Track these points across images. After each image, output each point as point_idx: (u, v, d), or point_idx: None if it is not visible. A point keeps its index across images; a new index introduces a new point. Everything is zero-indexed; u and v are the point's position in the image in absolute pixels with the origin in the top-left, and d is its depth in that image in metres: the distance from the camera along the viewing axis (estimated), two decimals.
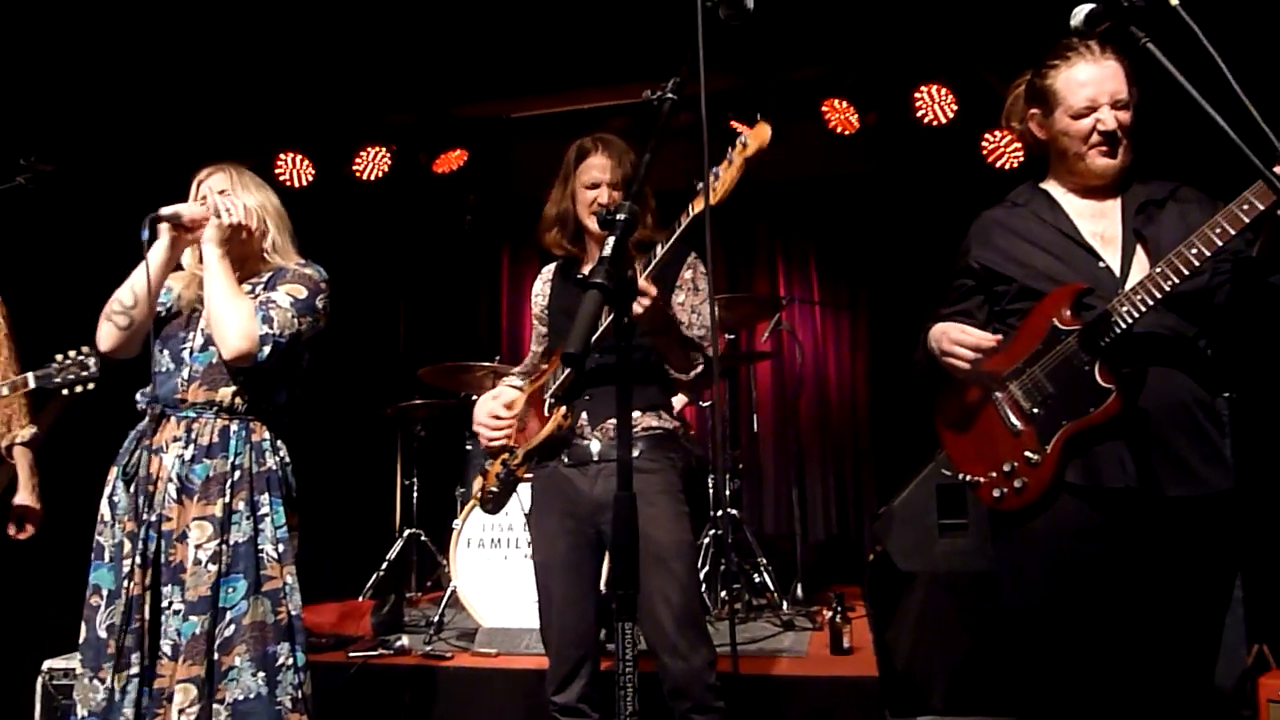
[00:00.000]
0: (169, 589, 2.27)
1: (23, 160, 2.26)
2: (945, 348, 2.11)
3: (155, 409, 2.36)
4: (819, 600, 4.64)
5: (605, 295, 1.26)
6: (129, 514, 2.31)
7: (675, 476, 2.46)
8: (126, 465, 2.34)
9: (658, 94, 1.59)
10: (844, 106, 5.24)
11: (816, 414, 6.31)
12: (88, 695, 2.22)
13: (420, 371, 4.81)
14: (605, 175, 2.54)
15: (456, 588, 4.13)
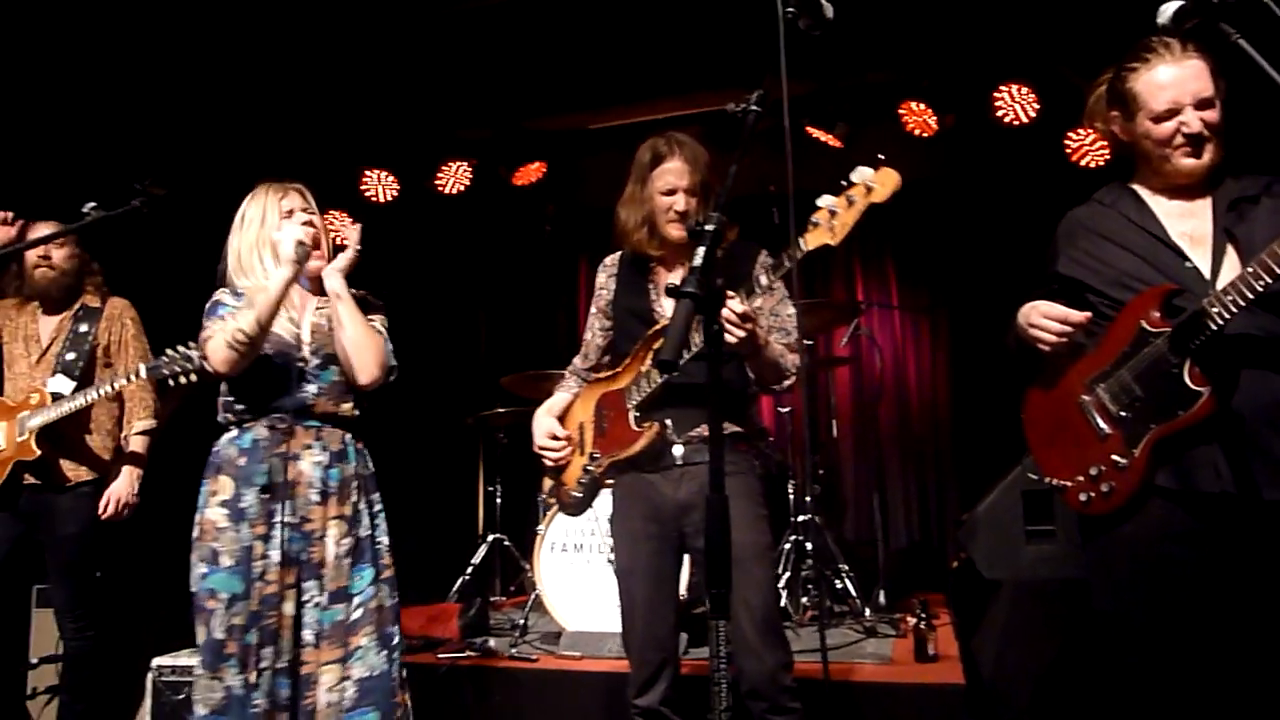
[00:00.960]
0: (309, 584, 2.45)
1: (137, 184, 2.39)
2: (1034, 320, 2.08)
3: (285, 421, 2.50)
4: (902, 607, 4.59)
5: (697, 305, 1.29)
6: (260, 517, 2.43)
7: (755, 480, 2.46)
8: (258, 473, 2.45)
9: (741, 106, 1.62)
10: (921, 109, 5.19)
11: (896, 419, 6.24)
12: (207, 695, 2.35)
13: (502, 380, 4.92)
14: (682, 181, 2.50)
15: (540, 591, 4.21)
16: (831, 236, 2.13)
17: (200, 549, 2.44)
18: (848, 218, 2.11)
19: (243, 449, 2.48)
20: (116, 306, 3.63)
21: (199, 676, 2.38)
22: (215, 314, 2.51)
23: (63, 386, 3.36)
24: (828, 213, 2.13)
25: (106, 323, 3.58)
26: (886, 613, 4.43)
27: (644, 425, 2.44)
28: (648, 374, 2.45)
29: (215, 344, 2.43)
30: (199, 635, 2.38)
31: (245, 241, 2.57)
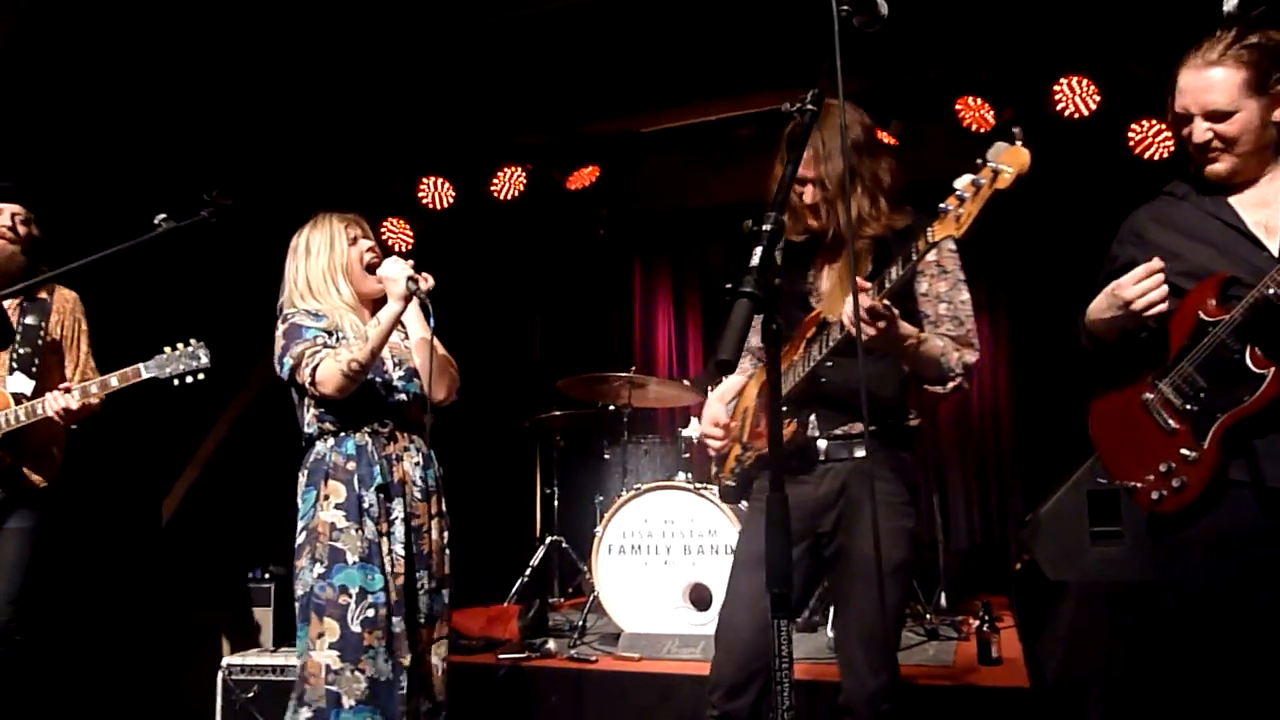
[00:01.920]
0: (421, 573, 2.67)
1: (205, 195, 2.46)
2: (1125, 295, 1.95)
3: (387, 426, 2.68)
4: (964, 609, 4.53)
5: (755, 304, 1.30)
6: (382, 516, 2.60)
7: (901, 487, 2.29)
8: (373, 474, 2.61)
9: (796, 105, 1.61)
10: (978, 104, 5.11)
11: (956, 418, 6.15)
12: (351, 686, 2.48)
13: (559, 383, 4.96)
14: (808, 171, 2.29)
15: (598, 593, 4.23)
16: (956, 228, 1.90)
17: (315, 550, 2.57)
18: (972, 207, 1.89)
19: (349, 455, 2.63)
20: (67, 299, 3.35)
21: (340, 670, 2.48)
22: (302, 336, 2.62)
23: (23, 386, 3.13)
24: (955, 199, 1.91)
25: (58, 315, 3.31)
26: (948, 615, 4.38)
27: (786, 422, 2.31)
28: (795, 366, 2.31)
29: (329, 371, 2.54)
30: (335, 630, 2.49)
31: (315, 267, 2.73)
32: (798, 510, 2.22)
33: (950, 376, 2.23)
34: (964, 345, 2.26)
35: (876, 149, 2.33)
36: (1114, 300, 2.00)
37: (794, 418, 2.32)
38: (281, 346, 2.65)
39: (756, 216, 1.48)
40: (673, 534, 4.17)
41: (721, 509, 4.07)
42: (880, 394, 2.29)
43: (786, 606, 1.42)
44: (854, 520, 2.27)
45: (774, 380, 1.41)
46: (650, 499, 4.24)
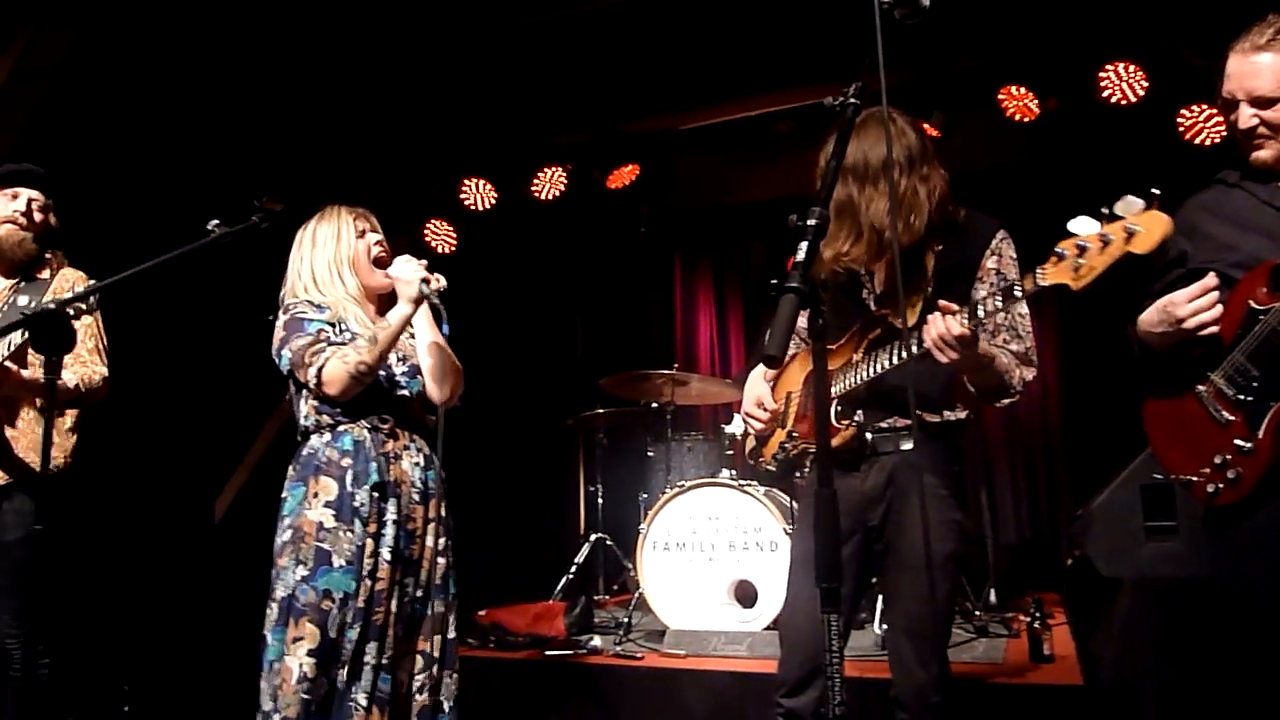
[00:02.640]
0: (408, 580, 2.52)
1: (256, 201, 2.49)
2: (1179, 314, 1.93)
3: (388, 422, 2.56)
4: (1013, 606, 4.48)
5: (801, 299, 1.30)
6: (373, 516, 2.46)
7: (951, 480, 2.27)
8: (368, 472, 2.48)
9: (839, 99, 1.60)
10: (1022, 93, 5.05)
11: (1003, 411, 6.06)
12: (315, 692, 2.34)
13: (602, 381, 4.97)
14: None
15: (644, 590, 4.24)
16: (1074, 280, 1.84)
17: (300, 551, 2.41)
18: (1098, 262, 1.80)
19: (344, 450, 2.49)
20: (68, 279, 3.17)
21: (314, 678, 2.34)
22: (304, 330, 2.51)
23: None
24: (1075, 247, 1.83)
25: (54, 296, 3.07)
26: (997, 611, 4.33)
27: (842, 421, 2.28)
28: (857, 365, 2.28)
29: (335, 372, 2.44)
30: (315, 636, 2.35)
31: (321, 259, 2.63)
32: (846, 505, 2.20)
33: (1010, 393, 2.21)
34: (1024, 363, 2.23)
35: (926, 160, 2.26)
36: (1166, 316, 1.97)
37: (850, 418, 2.29)
38: (280, 339, 2.54)
39: (801, 211, 1.47)
40: (717, 530, 4.17)
41: (766, 505, 4.05)
42: (927, 389, 2.27)
43: (835, 601, 1.42)
44: (902, 513, 2.25)
45: (820, 376, 1.40)
46: (694, 496, 4.24)
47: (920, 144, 2.24)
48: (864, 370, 2.26)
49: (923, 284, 2.24)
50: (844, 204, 2.22)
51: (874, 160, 2.19)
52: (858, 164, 2.20)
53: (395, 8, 4.57)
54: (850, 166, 2.20)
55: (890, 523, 2.28)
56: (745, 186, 6.33)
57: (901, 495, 2.26)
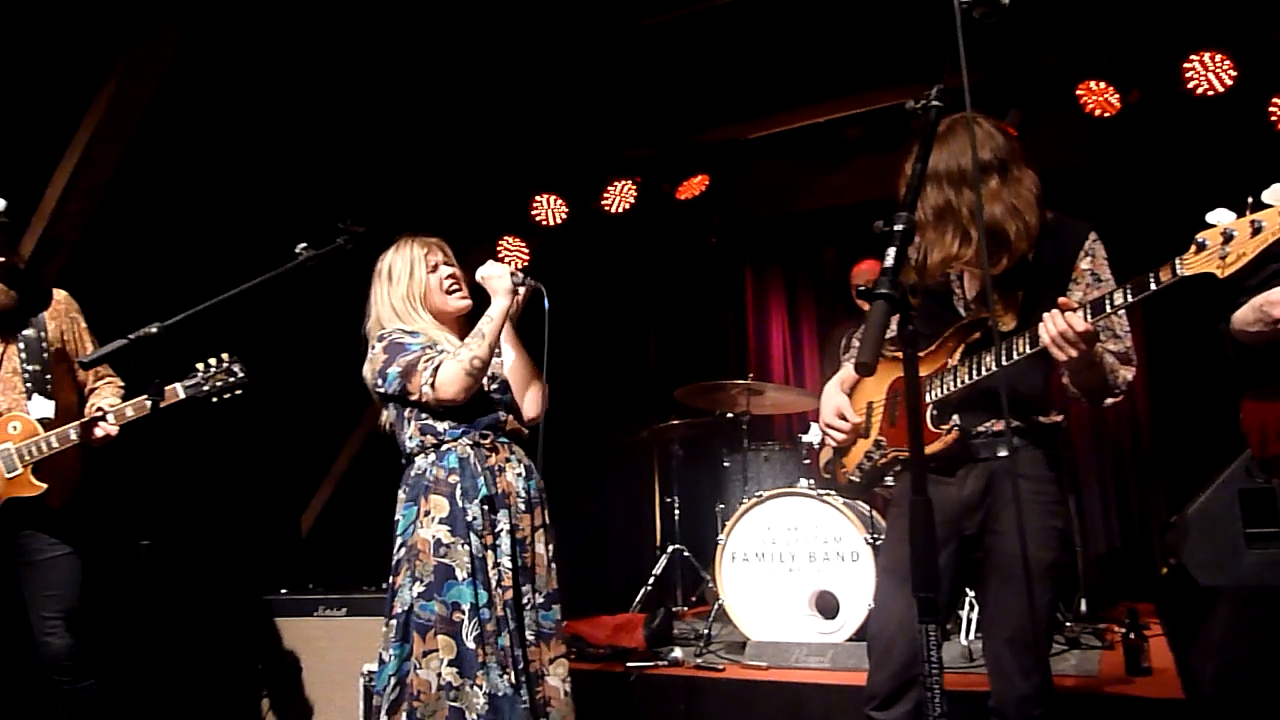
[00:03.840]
0: (525, 587, 2.61)
1: (340, 223, 2.55)
2: (1274, 314, 1.88)
3: (489, 436, 2.66)
4: (1106, 617, 4.35)
5: (892, 305, 1.28)
6: (487, 529, 2.56)
7: (1050, 485, 2.23)
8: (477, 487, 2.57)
9: (921, 102, 1.59)
10: (1102, 87, 4.92)
11: (1090, 416, 5.89)
12: (471, 702, 2.44)
13: (676, 392, 4.98)
14: None
15: (723, 601, 4.22)
16: (1220, 267, 1.81)
17: (416, 568, 2.51)
18: (1247, 248, 1.76)
19: (450, 468, 2.59)
20: (58, 300, 3.13)
21: (459, 687, 2.43)
22: (407, 349, 2.60)
23: (45, 409, 2.96)
24: (1221, 235, 1.80)
25: (54, 322, 3.09)
26: (1090, 622, 4.21)
27: (941, 426, 2.26)
28: (955, 370, 2.25)
29: (451, 372, 2.52)
30: (451, 648, 2.44)
31: (396, 294, 2.72)
32: (941, 513, 2.12)
33: (1114, 393, 2.17)
34: (1125, 362, 2.18)
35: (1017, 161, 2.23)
36: (1262, 316, 1.91)
37: (947, 422, 2.26)
38: (384, 361, 2.61)
39: (884, 216, 1.46)
40: (797, 541, 4.13)
41: (846, 515, 4.01)
42: (1023, 391, 2.23)
43: (934, 611, 1.39)
44: (1000, 520, 2.21)
45: (911, 381, 1.39)
46: (773, 506, 4.21)
47: (1009, 146, 2.22)
48: (964, 374, 2.23)
49: (1017, 288, 2.19)
50: (943, 208, 2.19)
51: (967, 163, 2.16)
52: (951, 169, 2.18)
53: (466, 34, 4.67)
54: (943, 171, 2.18)
55: (988, 530, 2.24)
56: (814, 193, 6.29)
57: (1000, 502, 2.21)
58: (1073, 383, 2.19)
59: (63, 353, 3.09)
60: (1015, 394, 2.18)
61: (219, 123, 4.42)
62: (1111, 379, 2.15)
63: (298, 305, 4.52)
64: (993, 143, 2.20)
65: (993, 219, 2.15)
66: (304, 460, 5.81)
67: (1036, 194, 2.20)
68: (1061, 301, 2.00)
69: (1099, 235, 2.26)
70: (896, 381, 2.42)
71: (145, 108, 3.94)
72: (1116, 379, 2.15)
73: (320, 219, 2.73)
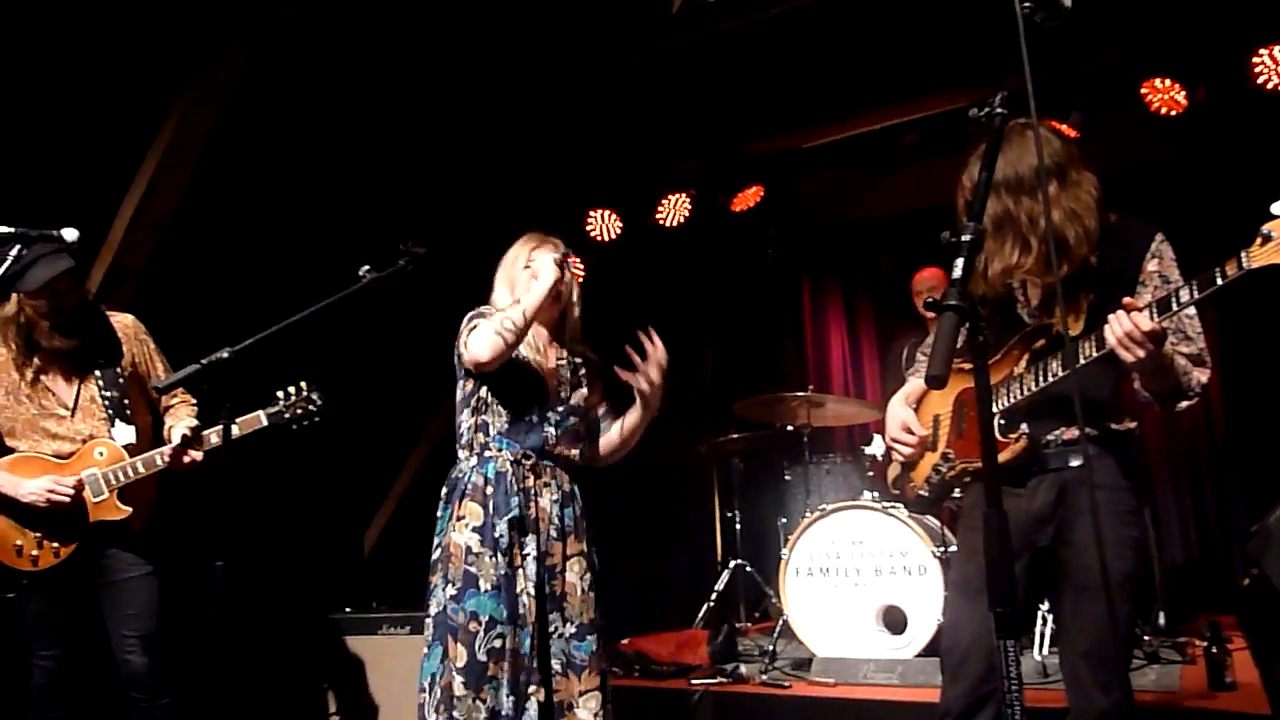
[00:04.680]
0: (553, 616, 2.58)
1: (402, 245, 2.60)
2: None
3: (530, 458, 2.64)
4: (1186, 630, 4.23)
5: (961, 316, 1.28)
6: (513, 549, 2.54)
7: (1125, 494, 2.18)
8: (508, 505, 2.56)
9: (985, 110, 1.58)
10: (1167, 85, 4.82)
11: (1163, 420, 5.75)
12: (471, 714, 2.44)
13: (735, 405, 4.97)
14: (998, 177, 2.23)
15: (788, 617, 4.20)
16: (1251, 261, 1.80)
17: (449, 570, 2.53)
18: None
19: (488, 478, 2.60)
20: (126, 325, 3.19)
21: (463, 698, 2.44)
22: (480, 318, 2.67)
23: (128, 435, 3.05)
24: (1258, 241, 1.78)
25: (126, 345, 3.15)
26: (1169, 636, 4.10)
27: (1009, 435, 2.22)
28: (1021, 377, 2.23)
29: (482, 333, 2.54)
30: (462, 656, 2.45)
31: (500, 278, 2.82)
32: (1013, 526, 2.11)
33: (1187, 395, 2.12)
34: (1198, 364, 2.13)
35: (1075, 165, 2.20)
36: None
37: (1016, 430, 2.22)
38: (464, 333, 2.67)
39: (947, 224, 1.45)
40: (862, 555, 4.09)
41: (912, 528, 3.96)
42: (1095, 397, 2.18)
43: (1012, 626, 1.37)
44: (1075, 532, 2.16)
45: (982, 393, 1.37)
46: (836, 519, 4.18)
47: (1066, 150, 2.20)
48: (1030, 381, 2.21)
49: (1082, 293, 2.16)
50: (1002, 218, 2.17)
51: (1025, 171, 2.13)
52: (1008, 176, 2.15)
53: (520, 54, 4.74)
54: (1000, 180, 2.16)
55: (1062, 542, 2.19)
56: (870, 201, 6.26)
57: (1073, 512, 2.17)
58: (1144, 387, 2.15)
59: (136, 376, 3.16)
60: (1086, 400, 2.12)
61: (280, 149, 4.54)
62: (1185, 382, 2.10)
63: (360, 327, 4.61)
64: (1049, 148, 2.17)
65: (1053, 225, 2.11)
66: (366, 480, 5.91)
67: (1096, 197, 2.17)
68: (1126, 301, 1.96)
69: (1166, 236, 2.21)
70: (963, 393, 2.39)
71: (208, 136, 4.07)
72: (1190, 381, 2.11)
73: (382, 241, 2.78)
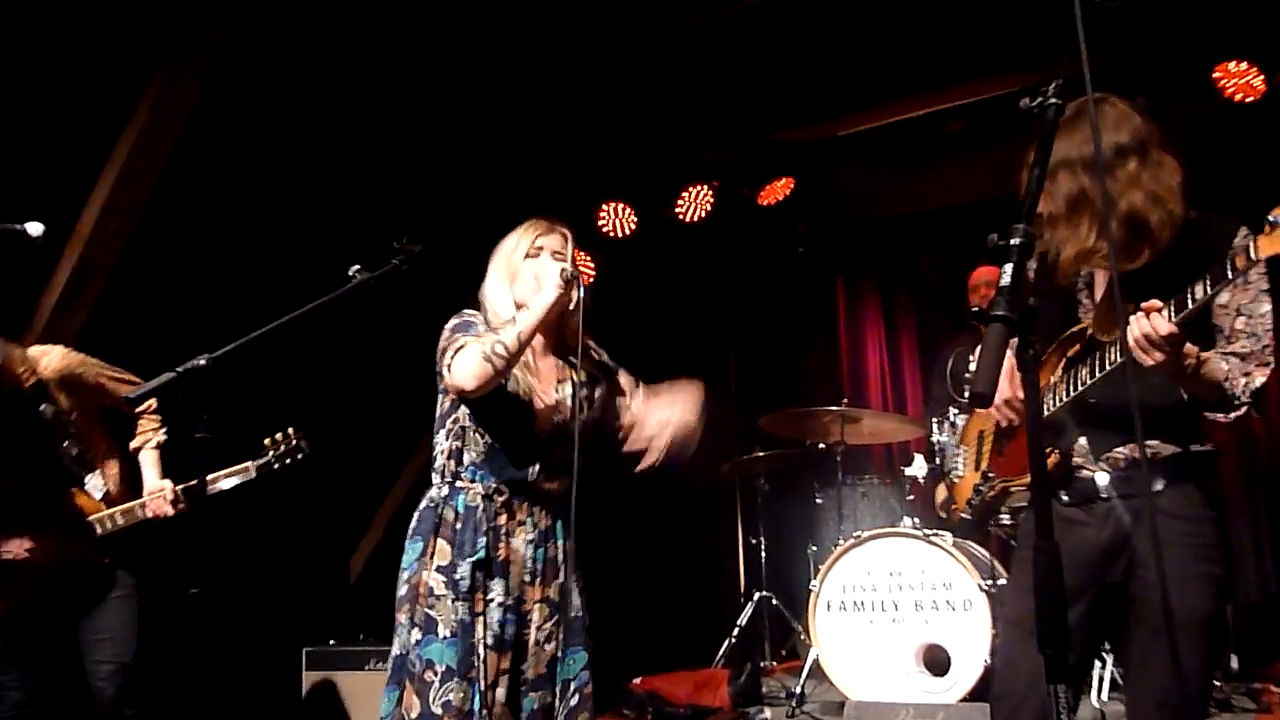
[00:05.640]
0: (525, 665, 2.54)
1: (396, 243, 2.61)
2: None
3: (504, 494, 2.56)
4: (1261, 674, 4.21)
5: (1010, 328, 1.28)
6: (475, 594, 2.48)
7: (1207, 525, 2.14)
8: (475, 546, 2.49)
9: (1038, 100, 1.58)
10: (1242, 69, 4.82)
11: (1237, 443, 5.72)
12: None
13: (761, 421, 4.97)
14: None
15: (818, 656, 4.19)
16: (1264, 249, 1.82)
17: (415, 611, 2.50)
18: None
19: (458, 512, 2.53)
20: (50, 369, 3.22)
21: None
22: (467, 330, 2.54)
23: (99, 486, 3.27)
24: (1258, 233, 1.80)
25: (60, 394, 3.23)
26: (1242, 681, 4.08)
27: (1049, 449, 2.20)
28: (1055, 386, 2.23)
29: (469, 356, 2.43)
30: (415, 707, 2.42)
31: (495, 266, 2.70)
32: (1078, 558, 2.17)
33: (1233, 403, 2.10)
34: (1257, 364, 2.11)
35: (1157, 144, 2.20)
36: None
37: (1053, 446, 2.22)
38: (444, 340, 2.56)
39: (998, 221, 1.46)
40: (900, 587, 4.08)
41: (957, 558, 3.95)
42: (1163, 408, 2.16)
43: (1063, 670, 1.38)
44: (1149, 566, 2.13)
45: (1033, 412, 1.38)
46: (872, 548, 4.18)
47: (1148, 127, 2.18)
48: (1063, 391, 2.21)
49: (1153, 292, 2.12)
50: (1078, 197, 2.16)
51: (1106, 149, 2.13)
52: (1085, 154, 2.15)
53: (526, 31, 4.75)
54: (1076, 157, 2.16)
55: (1135, 578, 2.17)
56: (912, 195, 6.25)
57: (1148, 546, 2.15)
58: (1184, 389, 2.13)
59: (87, 414, 3.30)
60: (1158, 416, 2.12)
61: (267, 133, 4.56)
62: (1229, 387, 2.08)
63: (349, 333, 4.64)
64: (1130, 124, 2.17)
65: (1131, 207, 2.11)
66: (352, 502, 5.95)
67: (1180, 181, 2.17)
68: (1145, 305, 1.96)
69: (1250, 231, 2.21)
70: None
71: (188, 119, 4.10)
72: (1236, 387, 2.08)
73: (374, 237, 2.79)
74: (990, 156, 5.41)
